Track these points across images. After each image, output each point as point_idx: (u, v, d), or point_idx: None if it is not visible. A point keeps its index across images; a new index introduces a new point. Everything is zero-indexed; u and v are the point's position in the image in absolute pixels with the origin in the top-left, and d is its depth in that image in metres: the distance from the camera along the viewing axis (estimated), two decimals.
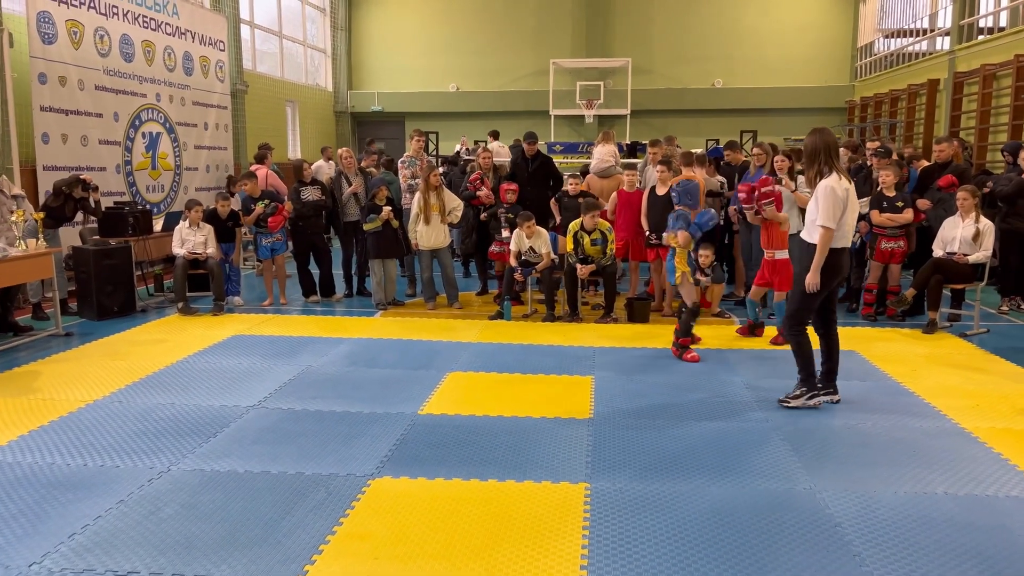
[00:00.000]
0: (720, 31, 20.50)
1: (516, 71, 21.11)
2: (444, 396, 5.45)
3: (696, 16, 20.53)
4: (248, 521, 3.60)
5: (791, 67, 20.36)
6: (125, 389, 5.60)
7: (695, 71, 20.66)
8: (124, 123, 10.75)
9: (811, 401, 5.19)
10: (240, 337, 7.19)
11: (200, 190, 12.39)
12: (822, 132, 5.10)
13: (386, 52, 21.54)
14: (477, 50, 21.12)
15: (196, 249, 8.29)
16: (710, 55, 20.55)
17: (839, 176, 4.94)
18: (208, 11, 13.55)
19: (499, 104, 21.00)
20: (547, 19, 20.90)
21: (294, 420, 4.97)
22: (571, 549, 3.35)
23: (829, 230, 4.91)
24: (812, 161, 5.03)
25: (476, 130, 20.44)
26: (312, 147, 18.65)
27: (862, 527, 3.53)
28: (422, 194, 8.28)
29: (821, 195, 4.92)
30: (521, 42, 21.00)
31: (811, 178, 5.07)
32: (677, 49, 20.66)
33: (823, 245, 4.94)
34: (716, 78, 20.67)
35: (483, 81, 21.18)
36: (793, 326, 5.21)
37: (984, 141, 13.32)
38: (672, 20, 20.60)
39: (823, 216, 4.91)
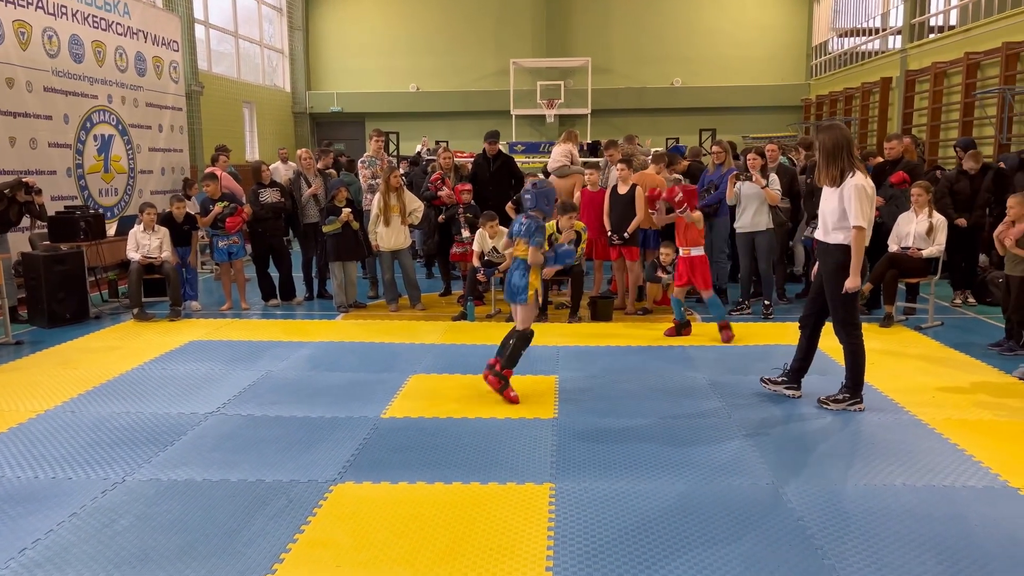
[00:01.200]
0: (678, 31, 20.70)
1: (477, 71, 21.08)
2: (407, 399, 5.40)
3: (655, 16, 20.69)
4: (207, 531, 3.51)
5: (748, 66, 20.63)
6: (78, 398, 5.45)
7: (654, 70, 20.83)
8: (75, 125, 10.49)
9: (853, 407, 5.07)
10: (198, 343, 7.05)
11: (155, 193, 12.14)
12: (839, 129, 4.88)
13: (345, 52, 21.36)
14: (437, 50, 21.04)
15: (151, 254, 8.11)
16: (669, 54, 20.74)
17: (864, 174, 4.80)
18: (161, 11, 13.29)
19: (460, 104, 20.95)
20: (507, 19, 20.90)
21: (254, 426, 4.88)
22: (536, 551, 3.32)
23: (863, 230, 4.76)
24: (834, 159, 4.78)
25: (437, 130, 20.37)
26: (270, 148, 18.41)
27: (823, 520, 3.57)
28: (382, 195, 8.20)
29: (852, 195, 4.72)
30: (481, 42, 20.98)
31: (833, 176, 4.81)
32: (636, 49, 20.81)
33: (860, 245, 4.78)
34: (675, 77, 20.86)
35: (443, 81, 21.11)
36: (850, 332, 5.00)
37: (936, 138, 13.62)
38: (631, 20, 20.74)
39: (856, 216, 4.72)
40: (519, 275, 5.47)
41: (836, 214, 4.86)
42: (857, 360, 5.07)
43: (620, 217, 7.87)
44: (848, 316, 5.00)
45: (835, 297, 4.98)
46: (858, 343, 5.04)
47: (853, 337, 5.02)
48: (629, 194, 7.87)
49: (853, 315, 5.01)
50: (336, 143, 19.39)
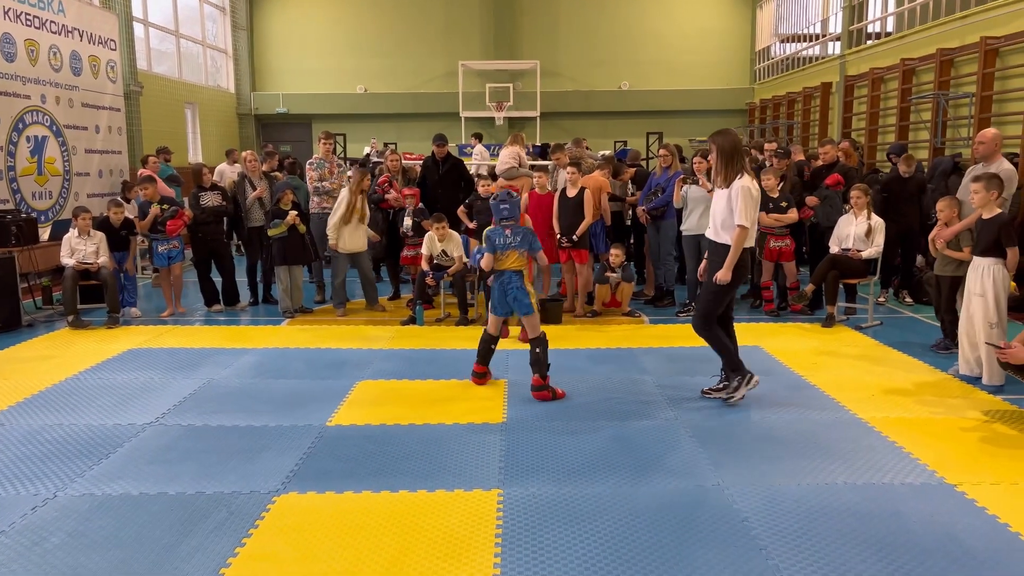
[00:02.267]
0: (626, 34, 20.88)
1: (425, 73, 20.95)
2: (354, 406, 5.31)
3: (602, 19, 20.84)
4: (143, 547, 3.40)
5: (694, 70, 20.91)
6: (8, 410, 5.24)
7: (602, 73, 20.98)
8: (6, 126, 10.10)
9: (749, 385, 5.27)
10: (137, 351, 6.85)
11: (93, 196, 11.76)
12: (732, 133, 5.21)
13: (291, 53, 21.02)
14: (385, 51, 20.86)
15: (87, 259, 7.85)
16: (616, 58, 20.90)
17: (751, 176, 5.08)
18: (97, 8, 12.89)
19: (408, 106, 20.80)
20: (455, 20, 20.83)
21: (194, 437, 4.74)
22: (484, 559, 3.29)
23: (746, 229, 5.03)
24: (732, 162, 5.07)
25: (385, 132, 20.18)
26: (214, 150, 18.02)
27: (767, 520, 3.61)
28: (352, 196, 8.04)
29: (739, 196, 5.00)
30: (429, 43, 20.85)
31: (729, 178, 5.08)
32: (584, 52, 20.92)
33: (740, 243, 5.04)
34: (623, 80, 21.04)
35: (391, 83, 20.94)
36: (704, 325, 5.27)
37: (874, 142, 13.98)
38: (578, 23, 20.85)
39: (741, 215, 5.00)
40: (518, 288, 5.52)
41: (725, 214, 5.11)
42: (722, 344, 5.27)
43: (569, 220, 7.89)
44: (707, 311, 5.25)
45: (707, 290, 5.25)
46: (713, 333, 5.26)
47: (706, 330, 5.26)
48: (578, 197, 7.89)
49: (712, 312, 5.25)
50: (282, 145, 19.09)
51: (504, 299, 5.58)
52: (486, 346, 5.74)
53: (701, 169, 7.74)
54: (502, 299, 5.58)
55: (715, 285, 5.15)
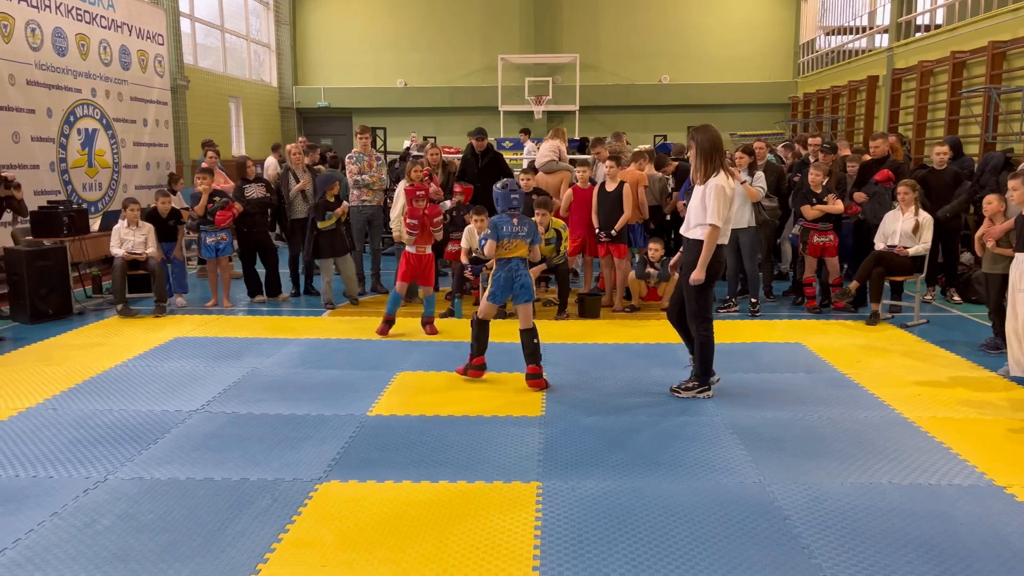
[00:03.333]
0: (666, 28, 20.70)
1: (464, 67, 21.01)
2: (393, 397, 5.36)
3: (642, 13, 20.68)
4: (189, 531, 3.48)
5: (736, 64, 20.66)
6: (60, 395, 5.39)
7: (642, 67, 20.83)
8: (58, 119, 10.36)
9: (702, 395, 5.29)
10: (183, 339, 6.99)
11: (140, 188, 12.02)
12: (713, 130, 5.17)
13: (332, 47, 21.23)
14: (424, 45, 20.96)
15: (136, 249, 8.03)
16: (657, 51, 20.73)
17: (727, 175, 5.06)
18: (146, 4, 13.14)
19: (447, 100, 20.88)
20: (495, 14, 20.84)
21: (239, 424, 4.83)
22: (523, 550, 3.31)
23: (717, 228, 5.02)
24: (711, 158, 5.06)
25: (424, 126, 20.30)
26: (257, 144, 18.29)
27: (811, 519, 3.57)
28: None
29: (712, 194, 4.99)
30: (469, 37, 20.90)
31: (706, 175, 5.07)
32: (624, 45, 20.79)
33: (711, 242, 5.03)
34: (663, 74, 20.87)
35: (431, 77, 21.03)
36: (701, 323, 5.22)
37: (922, 136, 13.69)
38: (619, 16, 20.72)
39: (712, 214, 4.99)
40: (527, 275, 5.64)
41: (697, 211, 5.10)
42: (706, 351, 5.26)
43: (608, 214, 7.86)
44: (700, 309, 5.21)
45: (688, 290, 5.20)
46: (708, 335, 5.24)
47: (703, 329, 5.23)
48: (617, 191, 7.86)
49: (705, 308, 5.22)
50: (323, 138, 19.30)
51: (509, 287, 5.61)
52: (485, 335, 5.74)
53: (742, 164, 7.66)
54: (507, 287, 5.61)
55: (691, 286, 5.14)
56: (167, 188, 10.77)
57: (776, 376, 5.83)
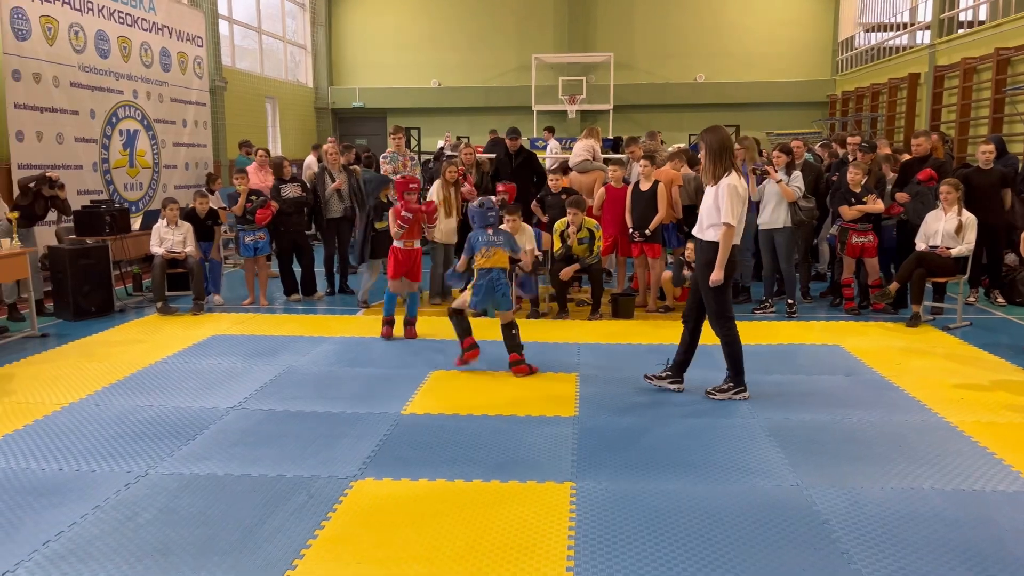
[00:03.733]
0: (702, 26, 20.52)
1: (498, 66, 21.03)
2: (427, 395, 5.39)
3: (678, 11, 20.53)
4: (227, 526, 3.52)
5: (773, 62, 20.41)
6: (102, 391, 5.49)
7: (677, 66, 20.67)
8: (101, 120, 10.58)
9: (738, 396, 5.25)
10: (220, 337, 7.09)
11: (179, 188, 12.23)
12: (723, 130, 5.18)
13: (367, 48, 21.39)
14: (458, 45, 21.02)
15: (175, 248, 8.17)
16: (692, 50, 20.57)
17: (738, 175, 5.07)
18: (186, 6, 13.36)
19: (481, 100, 20.92)
20: (529, 14, 20.83)
21: (275, 421, 4.89)
22: (557, 550, 3.30)
23: (732, 227, 5.00)
24: (720, 159, 5.05)
25: (458, 126, 20.37)
26: (292, 144, 18.50)
27: (850, 524, 3.51)
28: (444, 187, 8.16)
29: (725, 193, 4.98)
30: (503, 37, 20.92)
31: (716, 175, 5.06)
32: (659, 44, 20.66)
33: (727, 241, 5.01)
34: (698, 73, 20.69)
35: (465, 76, 21.09)
36: (724, 324, 5.20)
37: (964, 135, 13.40)
38: (654, 15, 20.59)
39: (726, 213, 4.98)
40: (507, 284, 5.88)
41: (710, 212, 5.08)
42: (734, 350, 5.24)
43: (642, 214, 7.81)
44: (720, 309, 5.18)
45: (707, 292, 5.17)
46: (732, 334, 5.21)
47: (726, 329, 5.20)
48: (651, 191, 7.81)
49: (725, 308, 5.20)
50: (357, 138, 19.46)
51: (490, 295, 5.78)
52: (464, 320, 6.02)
53: (780, 163, 7.57)
54: (487, 296, 5.80)
55: (716, 288, 5.10)
56: (205, 188, 10.94)
57: (813, 378, 5.75)
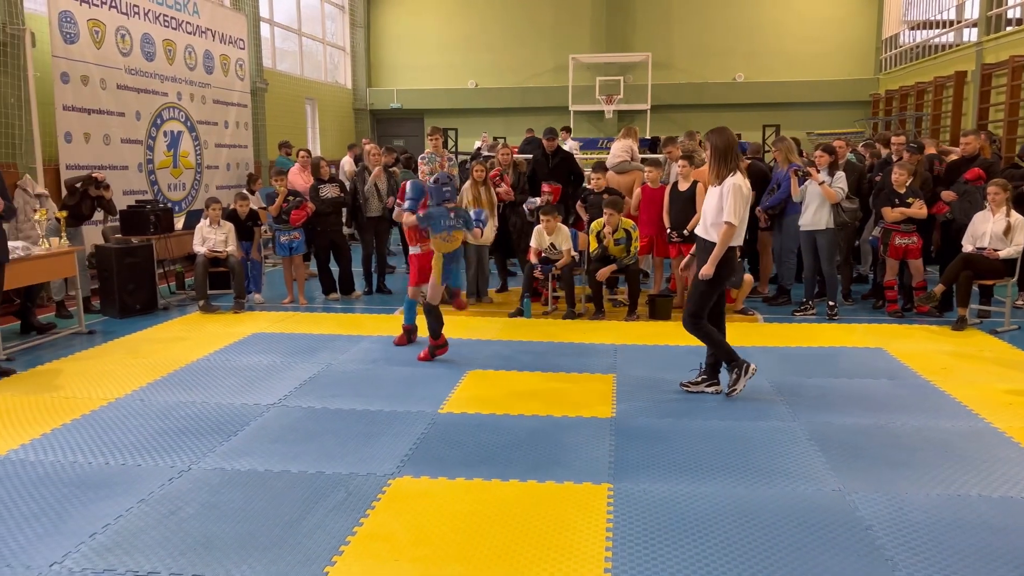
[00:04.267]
0: (741, 24, 20.29)
1: (535, 67, 21.02)
2: (464, 394, 5.40)
3: (716, 9, 20.33)
4: (268, 521, 3.57)
5: (814, 60, 20.10)
6: (146, 387, 5.61)
7: (716, 65, 20.47)
8: (146, 122, 10.80)
9: (747, 375, 5.26)
10: (260, 335, 7.19)
11: (221, 188, 12.43)
12: (727, 131, 5.22)
13: (405, 49, 21.52)
14: (496, 46, 21.05)
15: (216, 247, 8.30)
16: (731, 49, 20.34)
17: (744, 175, 5.12)
18: (228, 9, 13.58)
19: (518, 100, 20.92)
20: (566, 14, 20.78)
21: (314, 419, 4.94)
22: (595, 551, 3.28)
23: (733, 226, 5.04)
24: (725, 160, 5.10)
25: (495, 126, 20.39)
26: (331, 144, 18.69)
27: (894, 530, 3.44)
28: (473, 187, 8.20)
29: (729, 193, 5.03)
30: (540, 37, 20.90)
31: (722, 176, 5.11)
32: (697, 43, 20.47)
33: (726, 240, 5.05)
34: (737, 72, 20.46)
35: (502, 77, 21.11)
36: (695, 323, 5.28)
37: (1013, 134, 13.06)
38: (692, 14, 20.41)
39: (729, 212, 5.02)
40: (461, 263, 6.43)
41: (715, 212, 5.13)
42: (713, 339, 5.29)
43: (679, 214, 7.75)
44: (696, 308, 5.25)
45: (695, 288, 5.25)
46: (703, 329, 5.27)
47: (696, 327, 5.28)
48: (690, 191, 7.74)
49: (702, 308, 5.25)
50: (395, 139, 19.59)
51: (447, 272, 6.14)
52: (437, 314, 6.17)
53: (823, 163, 7.45)
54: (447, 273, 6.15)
55: (702, 283, 5.17)
56: (245, 189, 11.10)
57: (856, 382, 5.65)
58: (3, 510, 3.69)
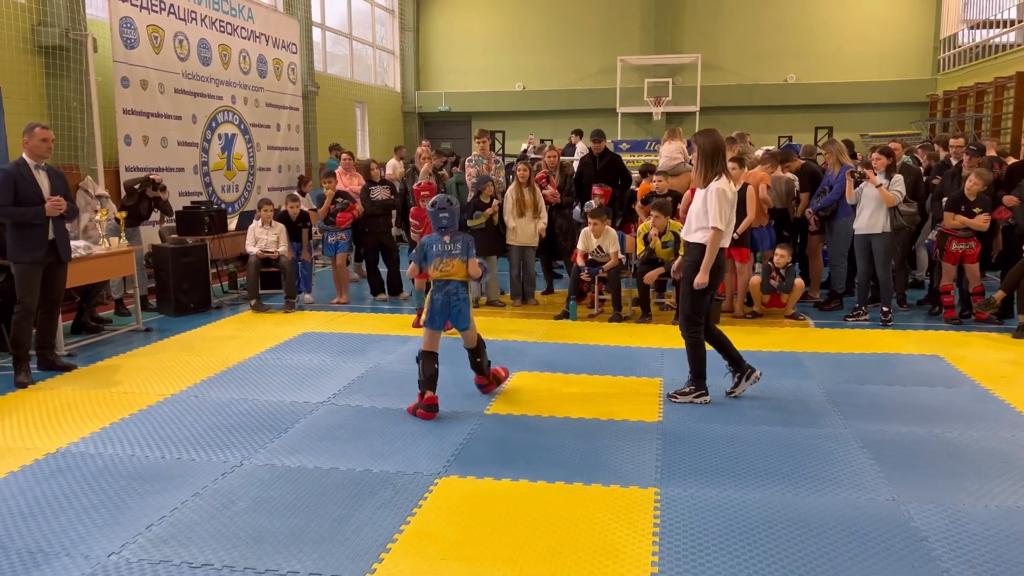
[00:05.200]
0: (794, 25, 19.96)
1: (583, 69, 20.97)
2: (510, 396, 5.42)
3: (769, 10, 20.04)
4: (317, 517, 3.63)
5: (869, 61, 19.68)
6: (200, 384, 5.74)
7: (767, 66, 20.17)
8: (201, 125, 11.06)
9: (699, 399, 5.22)
10: (310, 334, 7.30)
11: (272, 190, 12.66)
12: (717, 133, 5.19)
13: (453, 52, 21.66)
14: (543, 48, 21.06)
15: (268, 248, 8.46)
16: (783, 50, 20.03)
17: (729, 179, 5.09)
18: (281, 14, 13.84)
19: (565, 103, 20.89)
20: (614, 16, 20.70)
21: (362, 417, 5.00)
22: (641, 556, 3.26)
23: (720, 231, 4.98)
24: (713, 162, 5.05)
25: (542, 128, 20.40)
26: (381, 147, 18.89)
27: (950, 542, 3.35)
28: (517, 189, 8.24)
29: (713, 197, 4.97)
30: (588, 40, 20.85)
31: (707, 178, 5.06)
32: (748, 44, 20.20)
33: (714, 245, 5.00)
34: (789, 73, 20.13)
35: (549, 79, 21.11)
36: (690, 327, 5.22)
37: None
38: (743, 15, 20.15)
39: (714, 217, 4.96)
40: (464, 300, 5.09)
41: (699, 215, 5.08)
42: (697, 353, 5.24)
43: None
44: (692, 312, 5.21)
45: (686, 292, 5.21)
46: (697, 338, 5.23)
47: (692, 332, 5.23)
48: (739, 193, 7.64)
49: (697, 312, 5.20)
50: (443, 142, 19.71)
51: (447, 312, 5.07)
52: (431, 368, 5.03)
53: (879, 166, 7.29)
54: (444, 311, 5.07)
55: (691, 288, 5.11)
56: (297, 191, 11.29)
57: (911, 389, 5.52)
58: (64, 501, 3.81)
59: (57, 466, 4.23)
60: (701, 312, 5.22)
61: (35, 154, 5.82)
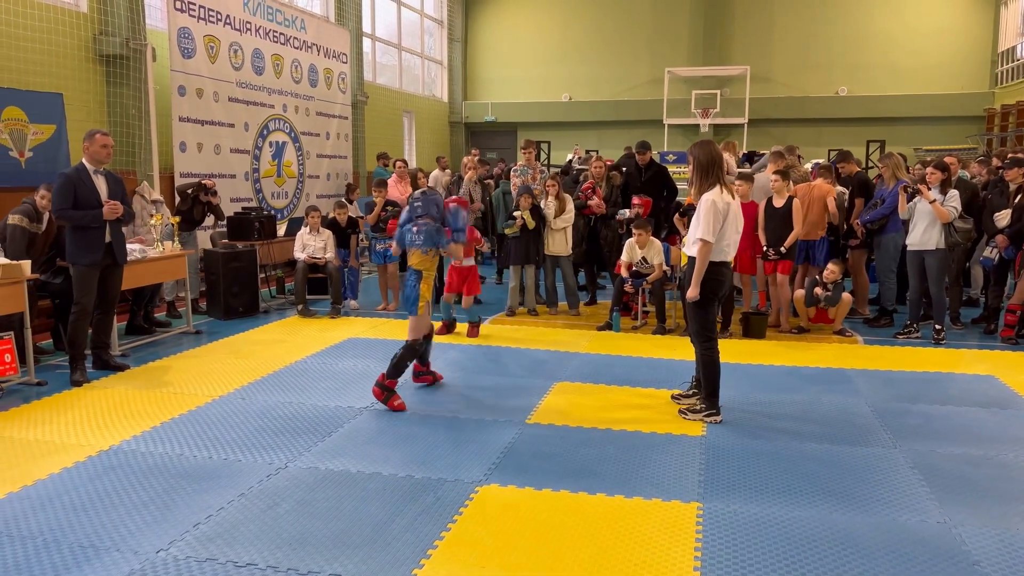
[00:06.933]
0: (845, 37, 19.67)
1: (629, 80, 20.93)
2: (552, 406, 5.41)
3: (820, 22, 19.77)
4: (359, 521, 3.66)
5: (923, 73, 19.29)
6: (247, 386, 5.85)
7: (817, 78, 19.90)
8: (253, 133, 11.29)
9: (709, 419, 5.09)
10: (355, 340, 7.39)
11: (321, 197, 12.87)
12: (712, 145, 5.12)
13: (500, 63, 21.81)
14: (591, 59, 21.08)
15: (316, 254, 8.59)
16: (834, 62, 19.75)
17: (721, 190, 4.97)
18: (333, 25, 14.09)
19: (612, 113, 20.87)
20: (662, 27, 20.64)
21: (405, 423, 5.04)
22: (683, 571, 3.23)
23: (707, 244, 4.91)
24: (708, 174, 4.99)
25: (587, 139, 20.40)
26: (427, 156, 19.08)
27: (1004, 567, 3.25)
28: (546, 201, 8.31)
29: (703, 209, 4.93)
30: (635, 51, 20.82)
31: (702, 191, 5.01)
32: (799, 56, 19.97)
33: (703, 258, 4.94)
34: (840, 86, 19.84)
35: (596, 90, 21.11)
36: (703, 342, 5.12)
37: None
38: (794, 26, 19.92)
39: (703, 229, 4.91)
40: (413, 286, 5.52)
41: (694, 227, 5.02)
42: (711, 371, 5.11)
43: (776, 231, 7.56)
44: (701, 327, 5.10)
45: (688, 308, 5.16)
46: (711, 354, 5.10)
47: (706, 348, 5.11)
48: (785, 207, 7.55)
49: (706, 326, 5.10)
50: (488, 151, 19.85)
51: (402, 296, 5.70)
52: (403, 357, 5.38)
53: (934, 180, 7.12)
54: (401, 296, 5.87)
55: (692, 303, 5.06)
56: (344, 198, 11.45)
57: (964, 410, 5.37)
58: (115, 497, 3.91)
59: (109, 463, 4.35)
60: (709, 327, 5.14)
61: (95, 159, 6.01)
